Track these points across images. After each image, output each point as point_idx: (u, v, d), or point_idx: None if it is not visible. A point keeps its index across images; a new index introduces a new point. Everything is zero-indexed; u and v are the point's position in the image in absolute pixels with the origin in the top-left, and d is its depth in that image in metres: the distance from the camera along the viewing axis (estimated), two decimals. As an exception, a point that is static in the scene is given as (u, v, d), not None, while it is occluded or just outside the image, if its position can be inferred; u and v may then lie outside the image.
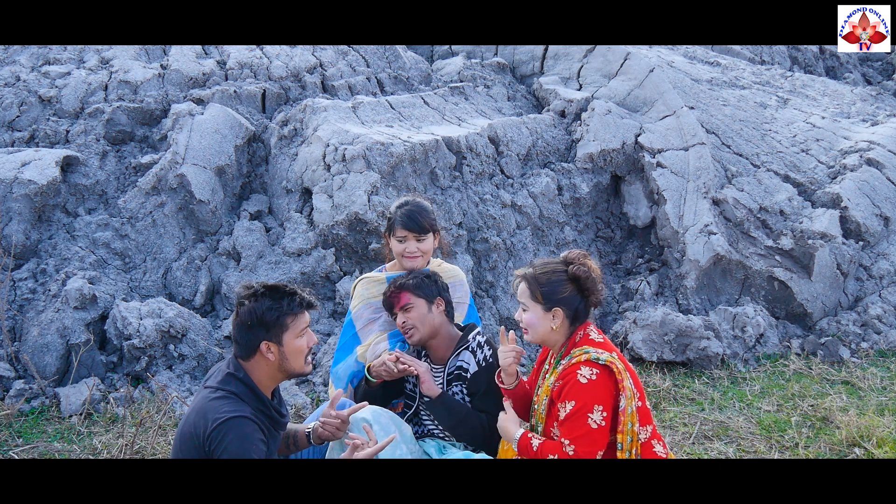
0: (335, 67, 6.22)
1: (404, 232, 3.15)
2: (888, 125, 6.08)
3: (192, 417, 2.42)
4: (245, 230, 4.96)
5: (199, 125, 5.23)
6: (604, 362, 2.52)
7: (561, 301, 2.64)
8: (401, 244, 3.17)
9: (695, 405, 4.08)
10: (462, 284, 3.34)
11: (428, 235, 3.18)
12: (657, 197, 5.24)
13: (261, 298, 2.43)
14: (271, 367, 2.48)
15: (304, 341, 2.49)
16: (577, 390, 2.50)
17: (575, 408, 2.49)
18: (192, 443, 2.38)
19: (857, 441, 3.61)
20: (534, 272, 2.70)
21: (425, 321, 3.00)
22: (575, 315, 2.67)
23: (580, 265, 2.65)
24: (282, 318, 2.43)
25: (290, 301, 2.45)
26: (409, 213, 3.15)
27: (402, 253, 3.18)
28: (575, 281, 2.65)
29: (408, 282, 3.01)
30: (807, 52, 8.41)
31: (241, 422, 2.34)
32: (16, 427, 3.79)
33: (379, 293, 3.20)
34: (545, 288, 2.65)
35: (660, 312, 4.56)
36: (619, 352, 2.66)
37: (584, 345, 2.61)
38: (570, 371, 2.55)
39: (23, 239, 4.62)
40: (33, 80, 5.70)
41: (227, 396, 2.41)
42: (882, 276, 5.22)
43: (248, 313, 2.43)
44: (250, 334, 2.44)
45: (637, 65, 5.90)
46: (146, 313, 4.31)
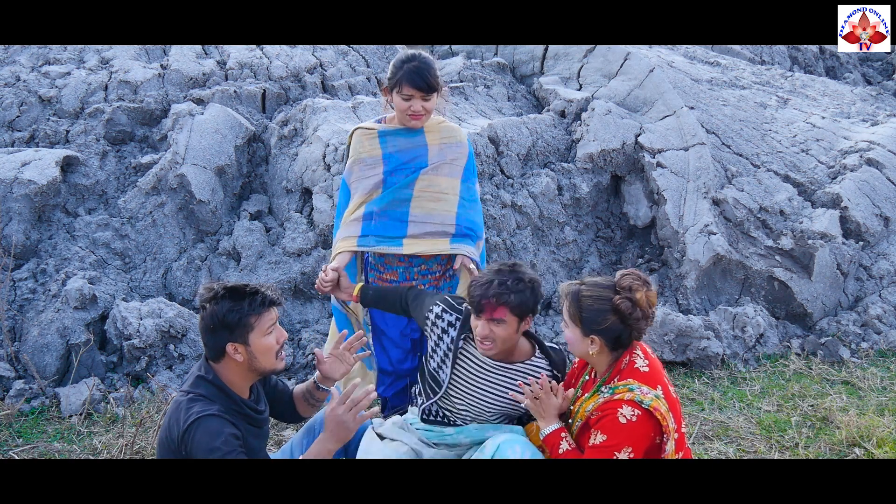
0: (335, 67, 6.22)
1: (411, 90, 3.04)
2: (888, 125, 6.08)
3: (165, 424, 2.44)
4: (245, 230, 4.96)
5: (199, 125, 5.23)
6: (647, 406, 2.43)
7: (600, 331, 2.54)
8: (405, 102, 3.07)
9: (695, 405, 4.08)
10: (460, 145, 3.25)
11: (433, 94, 3.08)
12: (657, 197, 5.24)
13: (221, 300, 2.41)
14: (241, 368, 2.47)
15: (272, 339, 2.47)
16: (613, 428, 2.44)
17: (605, 442, 2.44)
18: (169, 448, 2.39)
19: (857, 441, 3.61)
20: (579, 293, 2.58)
21: (508, 340, 2.71)
22: (616, 343, 2.57)
23: (625, 299, 2.52)
24: (244, 318, 2.41)
25: (252, 301, 2.43)
26: (418, 70, 3.02)
27: (406, 111, 3.09)
28: (618, 312, 2.53)
29: (510, 296, 2.62)
30: (807, 52, 8.41)
31: (208, 420, 2.33)
32: (16, 427, 3.79)
33: (371, 148, 3.16)
34: (586, 315, 2.56)
35: (660, 312, 4.56)
36: (664, 381, 2.55)
37: (630, 377, 2.52)
38: (611, 406, 2.47)
39: (23, 239, 4.62)
40: (33, 80, 5.70)
41: (196, 399, 2.41)
42: (882, 276, 5.22)
43: (209, 316, 2.42)
44: (214, 337, 2.43)
45: (637, 65, 5.90)
46: (146, 313, 4.31)
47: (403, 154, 3.20)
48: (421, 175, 3.20)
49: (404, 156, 3.20)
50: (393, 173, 3.20)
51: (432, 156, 3.23)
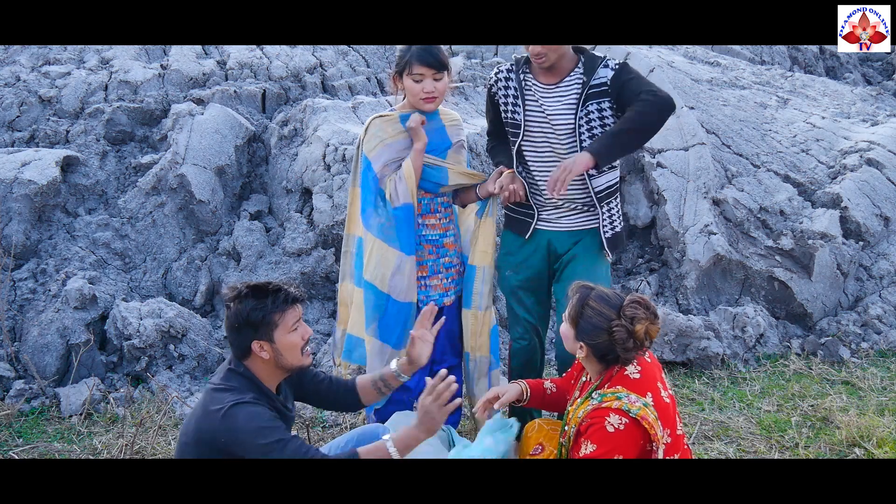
0: (335, 67, 6.22)
1: (422, 69, 3.03)
2: (888, 125, 6.08)
3: (198, 414, 2.43)
4: (245, 230, 4.96)
5: (199, 125, 5.23)
6: (634, 415, 2.42)
7: (591, 344, 2.54)
8: (417, 84, 3.06)
9: (695, 405, 4.08)
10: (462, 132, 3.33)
11: (444, 73, 3.08)
12: (657, 197, 5.24)
13: (245, 299, 2.43)
14: (268, 365, 2.49)
15: (297, 336, 2.49)
16: (601, 436, 2.44)
17: (595, 452, 2.44)
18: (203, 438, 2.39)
19: (857, 441, 3.61)
20: (586, 298, 2.57)
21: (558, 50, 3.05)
22: (602, 358, 2.56)
23: (622, 328, 2.49)
24: (268, 316, 2.43)
25: (275, 298, 2.45)
26: (426, 48, 3.04)
27: (419, 94, 3.08)
28: (612, 336, 2.51)
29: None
30: (807, 52, 8.41)
31: (245, 405, 2.35)
32: (16, 427, 3.79)
33: (395, 132, 3.14)
34: (583, 323, 2.55)
35: (660, 313, 4.56)
36: (656, 386, 2.54)
37: (619, 384, 2.51)
38: (598, 415, 2.46)
39: (23, 239, 4.62)
40: (33, 80, 5.70)
41: (228, 389, 2.42)
42: (882, 276, 5.22)
43: (234, 315, 2.44)
44: (240, 336, 2.45)
45: (637, 65, 5.89)
46: (146, 313, 4.31)
47: (428, 136, 3.20)
48: (448, 154, 3.26)
49: (429, 137, 3.20)
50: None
51: (451, 135, 3.28)
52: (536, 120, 3.15)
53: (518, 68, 3.17)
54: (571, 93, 3.11)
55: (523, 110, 3.14)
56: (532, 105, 3.15)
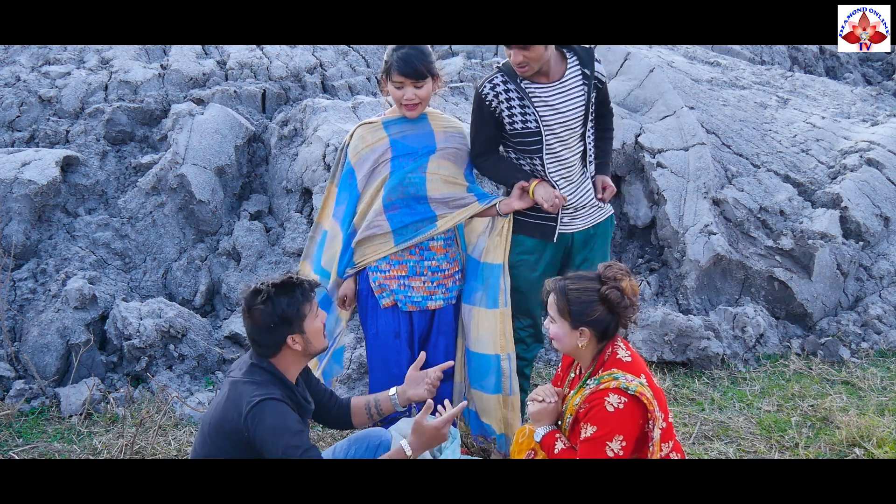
0: (335, 67, 6.22)
1: (401, 78, 3.01)
2: (888, 125, 6.08)
3: (221, 405, 2.46)
4: (245, 230, 4.96)
5: (199, 125, 5.23)
6: (633, 392, 2.45)
7: (589, 322, 2.57)
8: (398, 91, 3.05)
9: (695, 405, 4.08)
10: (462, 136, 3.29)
11: (426, 81, 3.06)
12: (657, 197, 5.24)
13: (275, 298, 2.47)
14: (297, 356, 2.55)
15: (319, 321, 2.58)
16: (601, 417, 2.45)
17: (596, 433, 2.45)
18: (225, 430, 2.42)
19: (857, 441, 3.61)
20: (565, 286, 2.61)
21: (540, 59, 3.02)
22: (603, 334, 2.59)
23: (612, 288, 2.54)
24: (300, 309, 2.50)
25: (302, 290, 2.53)
26: (406, 56, 3.01)
27: (399, 100, 3.09)
28: (606, 302, 2.55)
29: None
30: (807, 52, 8.41)
31: (272, 402, 2.40)
32: (16, 427, 3.79)
33: (375, 140, 3.15)
34: (574, 307, 2.57)
35: (660, 312, 4.56)
36: (647, 371, 2.59)
37: (613, 367, 2.55)
38: (597, 396, 2.49)
39: (23, 239, 4.62)
40: (33, 80, 5.69)
41: (255, 383, 2.46)
42: (882, 276, 5.22)
43: (267, 316, 2.46)
44: (274, 334, 2.49)
45: (637, 65, 5.90)
46: (146, 313, 4.31)
47: (410, 140, 3.18)
48: (431, 159, 3.19)
49: (411, 141, 3.18)
50: (400, 158, 3.17)
51: (439, 140, 3.22)
52: (553, 121, 3.15)
53: (513, 76, 3.11)
54: (577, 85, 3.15)
55: (537, 114, 3.11)
56: (543, 108, 3.13)
